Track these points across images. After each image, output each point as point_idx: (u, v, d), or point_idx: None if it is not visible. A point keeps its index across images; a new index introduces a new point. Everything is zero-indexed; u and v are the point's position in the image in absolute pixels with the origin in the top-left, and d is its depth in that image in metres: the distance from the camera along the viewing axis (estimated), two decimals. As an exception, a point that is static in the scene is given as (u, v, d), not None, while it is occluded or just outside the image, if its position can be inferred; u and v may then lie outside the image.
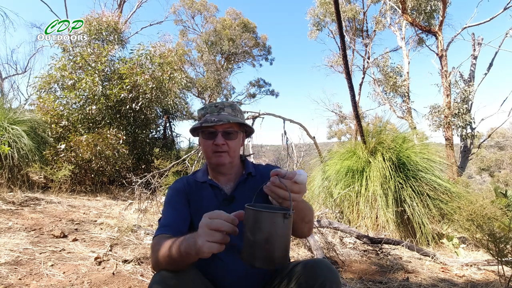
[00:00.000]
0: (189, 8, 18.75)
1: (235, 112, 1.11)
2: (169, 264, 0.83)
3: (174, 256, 0.80)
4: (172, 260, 0.82)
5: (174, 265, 0.83)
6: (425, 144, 4.13)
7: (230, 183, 1.11)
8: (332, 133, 22.55)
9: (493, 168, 21.06)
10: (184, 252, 0.78)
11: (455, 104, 9.46)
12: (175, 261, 0.81)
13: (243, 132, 1.14)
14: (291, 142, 4.02)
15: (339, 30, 3.44)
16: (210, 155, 1.06)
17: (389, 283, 2.09)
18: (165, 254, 0.83)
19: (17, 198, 3.75)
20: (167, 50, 7.39)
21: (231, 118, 1.05)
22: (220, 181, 1.11)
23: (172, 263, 0.82)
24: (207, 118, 1.05)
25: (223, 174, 1.11)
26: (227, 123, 1.04)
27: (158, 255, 0.85)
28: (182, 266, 0.83)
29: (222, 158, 1.05)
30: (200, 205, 1.06)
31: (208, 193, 1.08)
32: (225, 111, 1.09)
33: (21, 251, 2.15)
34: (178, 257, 0.80)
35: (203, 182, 1.10)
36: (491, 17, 9.99)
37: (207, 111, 1.09)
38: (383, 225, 3.42)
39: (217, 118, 1.04)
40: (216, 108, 1.09)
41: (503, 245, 1.97)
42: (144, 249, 2.50)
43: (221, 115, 1.06)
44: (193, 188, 1.09)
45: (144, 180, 4.07)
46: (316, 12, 14.91)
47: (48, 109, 5.81)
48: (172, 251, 0.81)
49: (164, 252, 0.83)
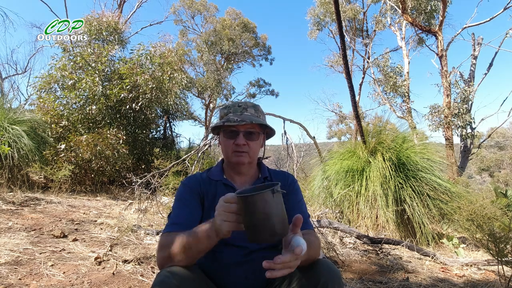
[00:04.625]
0: (189, 8, 18.74)
1: (257, 113, 1.11)
2: (184, 255, 0.84)
3: (192, 244, 0.82)
4: (188, 250, 0.83)
5: (190, 255, 0.84)
6: (425, 144, 4.13)
7: (245, 185, 1.10)
8: (332, 133, 22.59)
9: (493, 168, 21.08)
10: (203, 237, 0.81)
11: (455, 104, 9.46)
12: (192, 249, 0.83)
13: (264, 134, 1.14)
14: (291, 142, 4.01)
15: (339, 30, 3.44)
16: (230, 154, 1.06)
17: (389, 283, 2.09)
18: (181, 245, 0.84)
19: (17, 198, 3.75)
20: (167, 50, 7.39)
21: (254, 118, 1.05)
22: (236, 181, 1.10)
23: (188, 253, 0.84)
24: (229, 118, 1.05)
25: (240, 174, 1.11)
26: (249, 123, 1.04)
27: (171, 249, 0.86)
28: (197, 255, 0.85)
29: (242, 158, 1.05)
30: (213, 203, 1.04)
31: (222, 191, 1.06)
32: (248, 112, 1.08)
33: (21, 251, 2.15)
34: (195, 243, 0.82)
35: (218, 181, 1.09)
36: (491, 17, 10.00)
37: (230, 110, 1.09)
38: (383, 225, 3.42)
39: (239, 118, 1.03)
40: (240, 108, 1.09)
41: (503, 245, 1.97)
42: (144, 249, 2.50)
43: (244, 115, 1.06)
44: (207, 185, 1.08)
45: (144, 180, 4.06)
46: (316, 12, 14.91)
47: (48, 109, 5.81)
48: (189, 240, 0.83)
49: (179, 243, 0.85)
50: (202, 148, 4.16)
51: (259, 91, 20.96)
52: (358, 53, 15.48)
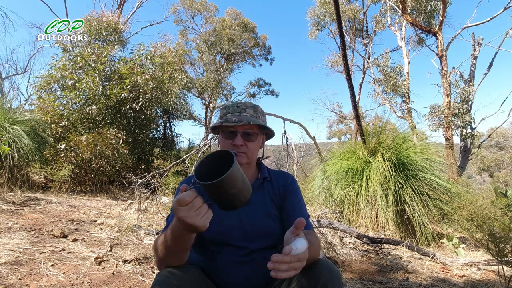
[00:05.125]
0: (189, 8, 18.74)
1: (256, 114, 1.10)
2: (168, 255, 0.84)
3: (169, 243, 0.81)
4: (168, 249, 0.83)
5: (171, 255, 0.84)
6: (425, 144, 4.13)
7: None
8: (332, 133, 22.58)
9: (493, 168, 21.08)
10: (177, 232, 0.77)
11: (455, 104, 9.46)
12: (170, 249, 0.82)
13: (263, 135, 1.14)
14: (291, 142, 4.01)
15: (339, 30, 3.44)
16: None
17: (389, 283, 2.09)
18: (163, 249, 0.84)
19: (17, 198, 3.75)
20: (167, 50, 7.39)
21: (252, 119, 1.05)
22: None
23: (168, 252, 0.83)
24: (228, 118, 1.05)
25: None
26: (247, 124, 1.03)
27: (159, 253, 0.86)
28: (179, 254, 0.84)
29: (240, 158, 1.05)
30: (211, 204, 1.05)
31: None
32: (246, 112, 1.08)
33: (21, 251, 2.15)
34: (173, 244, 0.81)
35: None
36: (491, 17, 10.00)
37: (229, 111, 1.09)
38: (383, 225, 3.42)
39: (237, 119, 1.03)
40: (238, 108, 1.09)
41: (503, 245, 1.97)
42: (144, 249, 2.50)
43: (242, 115, 1.06)
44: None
45: (144, 180, 4.06)
46: (316, 12, 14.91)
47: (48, 109, 5.81)
48: (166, 239, 0.82)
49: (162, 247, 0.84)
50: (202, 148, 4.16)
51: (259, 91, 20.97)
52: (358, 53, 15.49)
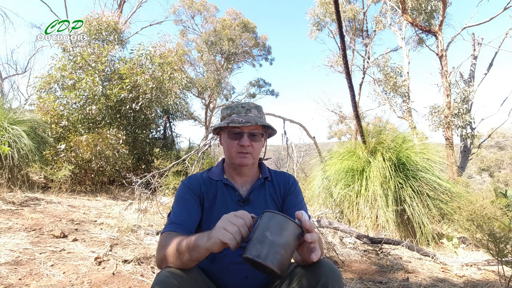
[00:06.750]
0: (189, 8, 18.74)
1: (260, 114, 1.12)
2: (177, 259, 0.83)
3: (183, 249, 0.81)
4: (181, 256, 0.82)
5: (180, 261, 0.83)
6: (425, 144, 4.13)
7: (246, 185, 1.11)
8: (332, 133, 22.55)
9: (493, 168, 21.06)
10: (194, 244, 0.79)
11: (455, 104, 9.45)
12: (183, 255, 0.82)
13: (266, 134, 1.15)
14: (291, 142, 4.02)
15: (339, 30, 3.44)
16: (233, 155, 1.07)
17: (389, 283, 2.09)
18: (174, 248, 0.83)
19: (17, 198, 3.75)
20: (167, 50, 7.38)
21: (258, 120, 1.06)
22: (236, 182, 1.11)
23: (179, 258, 0.82)
24: (233, 119, 1.05)
25: (241, 175, 1.11)
26: (254, 125, 1.04)
27: (166, 251, 0.85)
28: (188, 262, 0.83)
29: (246, 159, 1.05)
30: (213, 203, 1.06)
31: (222, 192, 1.08)
32: (252, 113, 1.09)
33: (21, 251, 2.15)
34: (186, 250, 0.81)
35: (218, 181, 1.10)
36: (491, 17, 9.99)
37: (233, 111, 1.10)
38: (383, 225, 3.42)
39: (244, 119, 1.04)
40: (243, 109, 1.09)
41: (503, 245, 1.97)
42: (144, 249, 2.50)
43: (248, 116, 1.07)
44: (207, 185, 1.09)
45: (144, 180, 4.07)
46: (316, 12, 14.89)
47: (48, 109, 5.80)
48: (182, 245, 0.82)
49: (173, 246, 0.84)
50: (202, 148, 4.16)
51: (259, 91, 20.96)
52: (358, 53, 15.47)
